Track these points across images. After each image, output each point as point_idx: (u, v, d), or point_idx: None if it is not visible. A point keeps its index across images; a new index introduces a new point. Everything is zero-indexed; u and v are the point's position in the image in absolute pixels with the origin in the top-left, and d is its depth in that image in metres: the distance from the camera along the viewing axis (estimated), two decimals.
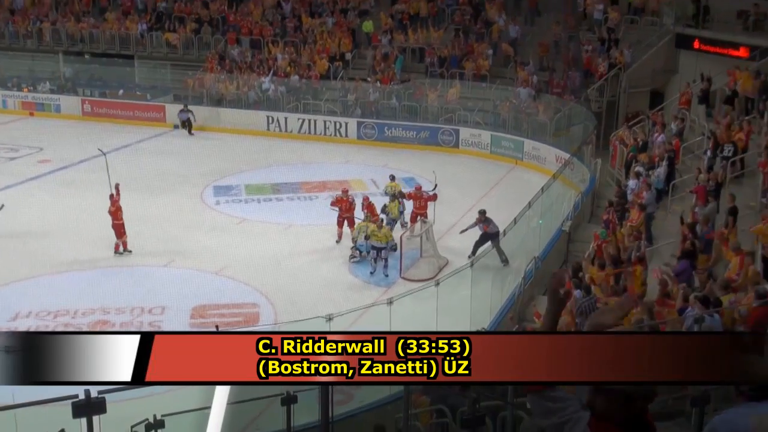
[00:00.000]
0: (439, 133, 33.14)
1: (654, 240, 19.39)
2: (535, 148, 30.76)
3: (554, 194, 23.97)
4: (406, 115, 34.33)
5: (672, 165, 22.47)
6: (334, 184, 27.84)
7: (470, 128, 32.83)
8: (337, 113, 34.98)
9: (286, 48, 38.00)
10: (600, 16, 35.16)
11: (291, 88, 35.95)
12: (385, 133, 33.80)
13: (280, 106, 35.63)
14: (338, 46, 37.40)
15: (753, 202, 18.63)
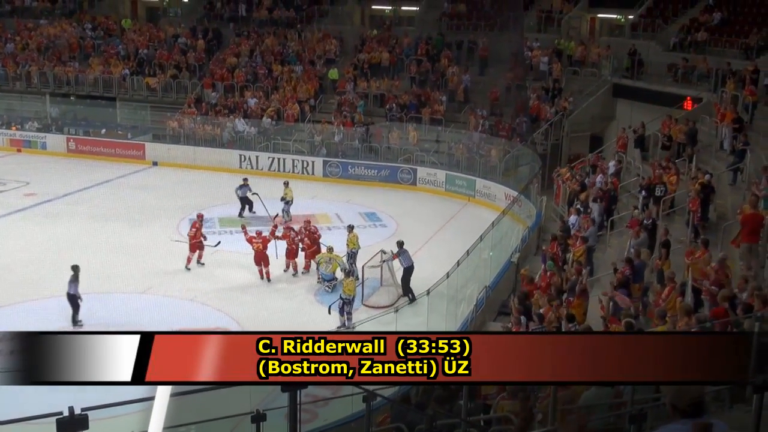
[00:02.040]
0: (398, 172, 33.16)
1: (595, 270, 19.46)
2: (486, 186, 30.82)
3: (504, 228, 24.02)
4: (368, 155, 34.34)
5: (610, 203, 22.64)
6: (301, 218, 27.66)
7: (427, 168, 32.89)
8: (304, 153, 34.89)
9: (258, 93, 37.93)
10: (545, 67, 35.57)
11: (262, 130, 35.85)
12: (349, 171, 33.75)
13: (252, 146, 35.48)
14: (306, 91, 37.39)
15: (683, 237, 18.78)
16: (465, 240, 21.90)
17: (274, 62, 39.70)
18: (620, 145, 27.18)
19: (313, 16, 43.06)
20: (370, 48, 39.49)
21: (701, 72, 29.79)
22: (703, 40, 32.05)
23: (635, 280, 16.20)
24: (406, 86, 37.20)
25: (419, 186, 32.70)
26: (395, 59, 38.63)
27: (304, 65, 39.32)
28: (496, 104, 34.97)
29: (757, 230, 15.71)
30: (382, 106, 36.57)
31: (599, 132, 33.00)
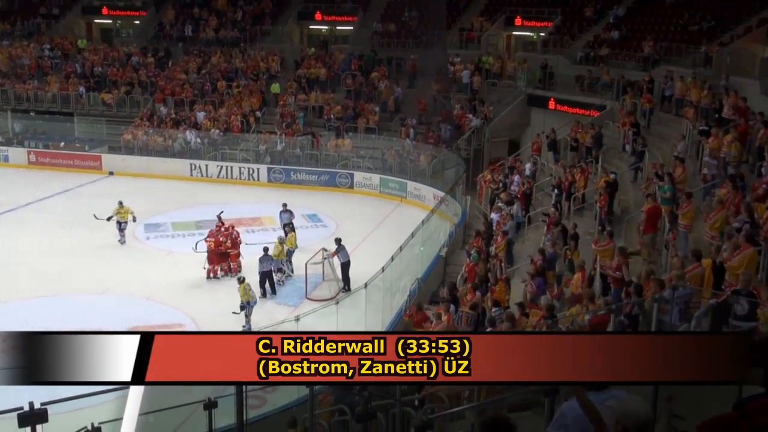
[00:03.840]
0: (337, 177, 33.10)
1: (514, 262, 19.73)
2: (416, 188, 30.96)
3: (433, 226, 24.19)
4: (309, 161, 34.20)
5: (527, 201, 22.97)
6: (248, 220, 27.49)
7: (363, 172, 32.88)
8: (250, 161, 34.57)
9: (206, 106, 37.51)
10: (467, 80, 35.78)
11: (210, 140, 35.41)
12: (291, 177, 33.55)
13: (202, 155, 35.03)
14: (250, 105, 37.11)
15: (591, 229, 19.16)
16: (398, 237, 22.01)
17: (221, 78, 39.28)
18: (535, 149, 27.59)
19: (256, 36, 42.70)
20: (309, 64, 39.35)
21: (604, 82, 30.39)
22: (605, 54, 32.68)
23: (549, 268, 16.50)
24: (342, 99, 37.15)
25: (356, 189, 32.70)
26: (332, 74, 38.54)
27: (248, 80, 38.99)
28: (424, 114, 35.08)
29: (655, 222, 16.13)
30: (321, 117, 36.45)
31: (516, 137, 33.36)
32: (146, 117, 37.32)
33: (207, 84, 38.93)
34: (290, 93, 37.62)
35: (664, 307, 10.52)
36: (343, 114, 35.76)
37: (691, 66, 27.65)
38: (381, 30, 41.02)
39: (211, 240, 22.35)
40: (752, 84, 23.13)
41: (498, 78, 35.86)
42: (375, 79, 37.51)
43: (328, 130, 35.28)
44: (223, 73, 39.67)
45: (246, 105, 37.12)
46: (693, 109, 22.76)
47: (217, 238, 22.44)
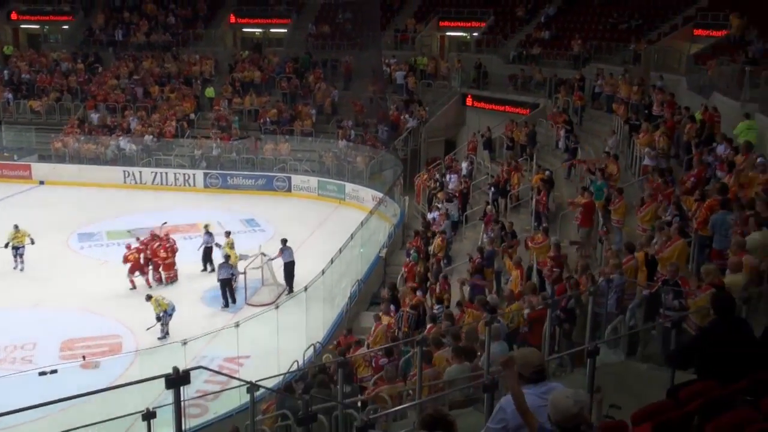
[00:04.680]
0: (274, 180, 32.88)
1: (453, 260, 19.88)
2: (354, 190, 30.97)
3: (372, 227, 24.24)
4: (245, 166, 33.91)
5: (464, 199, 23.16)
6: (185, 226, 27.09)
7: (300, 175, 32.74)
8: (185, 166, 34.10)
9: (139, 112, 36.87)
10: (402, 80, 35.96)
11: (144, 146, 34.82)
12: (228, 182, 33.21)
13: (135, 162, 34.41)
14: (184, 109, 36.60)
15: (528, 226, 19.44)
16: (337, 239, 22.00)
17: (153, 83, 38.66)
18: (471, 148, 27.84)
19: (189, 40, 42.13)
20: (243, 68, 39.02)
21: (537, 81, 30.86)
22: (537, 53, 33.18)
23: (487, 266, 16.68)
24: (277, 102, 36.94)
25: (294, 192, 32.52)
26: (266, 77, 38.29)
27: (182, 85, 38.47)
28: (360, 115, 35.14)
29: (590, 216, 16.45)
30: (256, 120, 36.18)
31: (452, 137, 33.63)
32: (77, 124, 36.48)
33: (139, 89, 38.26)
34: (225, 97, 37.26)
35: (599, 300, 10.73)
36: (279, 117, 35.55)
37: (621, 63, 28.27)
38: (315, 32, 40.91)
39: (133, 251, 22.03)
40: (679, 80, 23.78)
41: (433, 78, 36.09)
42: (311, 82, 37.40)
43: (265, 134, 35.03)
44: (156, 78, 39.07)
45: (180, 110, 36.62)
46: (623, 106, 23.27)
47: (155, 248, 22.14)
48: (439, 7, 39.66)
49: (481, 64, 33.91)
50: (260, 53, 40.85)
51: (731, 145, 15.76)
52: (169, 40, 42.02)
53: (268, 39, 43.30)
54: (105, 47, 42.19)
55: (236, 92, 37.66)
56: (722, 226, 11.44)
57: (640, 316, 10.72)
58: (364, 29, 38.81)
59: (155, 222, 25.88)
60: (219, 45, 42.18)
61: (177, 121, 35.86)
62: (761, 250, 9.96)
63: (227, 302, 20.81)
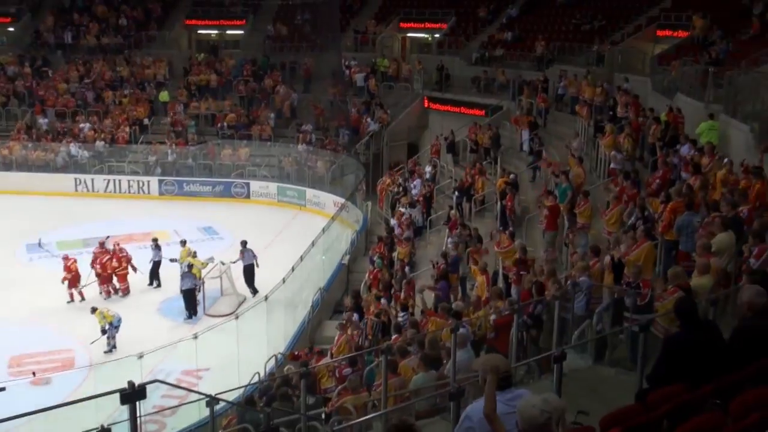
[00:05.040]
0: (232, 187, 32.68)
1: (417, 266, 19.94)
2: (315, 196, 30.90)
3: (334, 234, 24.21)
4: (202, 172, 33.65)
5: (428, 204, 23.25)
6: (140, 235, 26.77)
7: (259, 181, 32.56)
8: (139, 173, 33.74)
9: (91, 117, 36.41)
10: (362, 83, 36.01)
11: (96, 153, 34.37)
12: (184, 189, 32.93)
13: (87, 169, 33.94)
14: (138, 114, 36.22)
15: (493, 230, 19.54)
16: (298, 246, 21.92)
17: (105, 87, 38.22)
18: (434, 152, 27.98)
19: (141, 42, 41.68)
20: (199, 70, 38.76)
21: (500, 83, 31.11)
22: (500, 54, 33.45)
23: (452, 271, 16.75)
24: (235, 106, 36.76)
25: (253, 199, 32.35)
26: (223, 81, 38.07)
27: (135, 89, 38.09)
28: (320, 119, 35.08)
29: (555, 219, 16.60)
30: (213, 125, 35.95)
31: (415, 140, 33.74)
32: (24, 130, 35.90)
33: (90, 93, 37.79)
34: (180, 101, 36.97)
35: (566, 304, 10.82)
36: (237, 121, 35.37)
37: (584, 65, 28.63)
38: (273, 34, 40.80)
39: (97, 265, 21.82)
40: (643, 81, 24.16)
41: (394, 81, 36.18)
42: (269, 85, 37.28)
43: (222, 139, 34.82)
44: (108, 82, 38.63)
45: (133, 115, 36.24)
46: (587, 107, 23.57)
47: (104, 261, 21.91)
48: (399, 8, 39.79)
49: (443, 66, 34.11)
50: (216, 56, 40.58)
51: (695, 146, 16.06)
52: (121, 42, 41.55)
53: (224, 41, 43.02)
54: (53, 50, 41.55)
55: (192, 96, 37.40)
56: (688, 228, 11.64)
57: (608, 320, 10.84)
58: (323, 31, 38.80)
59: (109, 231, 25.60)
60: (173, 47, 41.83)
61: (130, 127, 35.48)
62: (727, 251, 10.14)
63: (191, 313, 20.63)
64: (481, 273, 15.22)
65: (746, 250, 9.80)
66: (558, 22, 34.23)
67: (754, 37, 22.61)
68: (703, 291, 9.07)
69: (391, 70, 36.57)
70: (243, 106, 36.76)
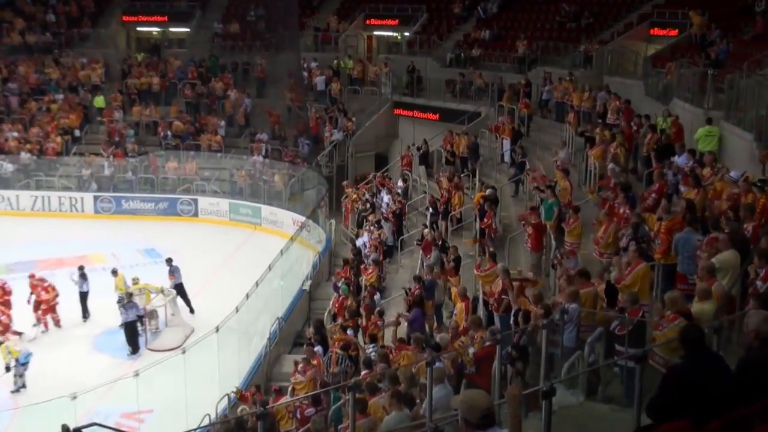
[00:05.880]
0: (178, 204, 32.58)
1: (388, 292, 19.97)
2: (272, 213, 30.90)
3: (293, 256, 24.19)
4: (144, 187, 33.49)
5: (399, 222, 23.32)
6: (72, 259, 26.50)
7: (209, 197, 32.53)
8: (72, 188, 33.49)
9: (15, 125, 36.06)
10: (323, 86, 36.09)
11: (22, 166, 34.04)
12: (123, 206, 32.76)
13: (11, 184, 33.59)
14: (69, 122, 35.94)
15: (472, 251, 19.65)
16: (253, 271, 21.86)
17: (31, 92, 37.93)
18: (405, 164, 28.09)
19: (73, 40, 41.45)
20: (139, 73, 38.63)
21: (478, 86, 31.36)
22: (477, 55, 33.78)
23: (428, 297, 16.80)
24: (180, 112, 36.67)
25: (201, 217, 32.29)
26: (167, 84, 37.98)
27: (66, 93, 37.84)
28: (277, 127, 35.13)
29: (540, 239, 16.73)
30: (156, 134, 35.82)
31: (384, 151, 33.86)
32: None
33: (14, 99, 37.46)
34: (117, 107, 36.78)
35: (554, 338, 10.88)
36: (183, 130, 35.26)
37: (570, 66, 29.02)
38: (222, 31, 40.82)
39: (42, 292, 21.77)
40: (636, 85, 24.52)
41: (360, 84, 36.33)
42: (218, 89, 37.24)
43: (166, 150, 34.67)
44: (34, 86, 38.32)
45: (64, 122, 35.97)
46: (574, 114, 23.86)
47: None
48: (365, 3, 40.06)
49: (414, 68, 34.35)
50: (159, 56, 40.54)
51: (694, 156, 16.30)
52: (50, 41, 41.28)
53: (167, 39, 42.98)
54: None
55: (131, 101, 37.23)
56: (685, 247, 11.79)
57: (600, 351, 10.93)
58: (280, 28, 38.93)
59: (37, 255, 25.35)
60: (109, 46, 41.64)
61: (61, 136, 35.22)
62: (731, 272, 10.27)
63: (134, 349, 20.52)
64: (460, 299, 15.29)
65: (752, 271, 9.92)
66: (541, 20, 34.69)
67: (756, 36, 23.07)
68: (706, 318, 9.18)
69: (356, 73, 36.71)
70: (189, 112, 36.67)
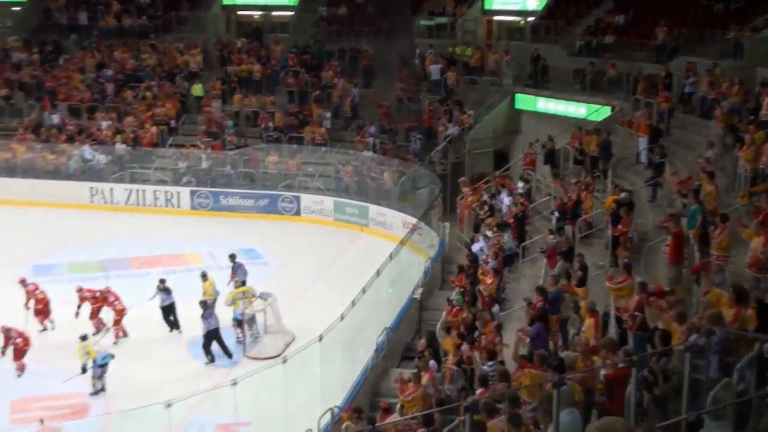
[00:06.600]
0: (279, 201, 33.11)
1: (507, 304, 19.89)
2: (380, 214, 31.10)
3: (403, 261, 24.23)
4: (243, 182, 34.17)
5: (520, 227, 23.19)
6: (167, 258, 27.32)
7: (312, 194, 32.97)
8: (167, 182, 34.45)
9: (109, 114, 37.26)
10: (438, 75, 36.08)
11: (116, 157, 35.18)
12: (221, 202, 33.52)
13: (105, 177, 34.79)
14: (166, 111, 36.96)
15: (602, 261, 19.42)
16: (359, 276, 22.03)
17: (126, 78, 39.12)
18: (528, 162, 27.88)
19: (171, 24, 42.69)
20: (239, 59, 39.42)
21: (611, 78, 30.87)
22: (610, 42, 33.26)
23: (552, 311, 16.66)
24: (283, 102, 37.25)
25: (304, 216, 32.76)
26: (268, 72, 38.60)
27: (162, 81, 38.92)
28: (387, 120, 35.29)
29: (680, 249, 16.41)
30: (256, 125, 36.47)
31: (504, 148, 33.68)
32: (31, 128, 36.99)
33: (109, 86, 38.73)
34: (216, 96, 37.60)
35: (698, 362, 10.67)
36: (285, 122, 35.81)
37: (717, 56, 28.28)
38: (328, 15, 41.26)
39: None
40: None
41: (478, 73, 36.20)
42: (324, 78, 37.66)
43: (267, 143, 35.28)
44: (130, 72, 39.53)
45: (160, 112, 36.99)
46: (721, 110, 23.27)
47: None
48: None
49: (539, 56, 34.02)
50: (260, 41, 41.24)
51: None
52: (146, 24, 42.57)
53: (269, 24, 43.75)
54: (66, 34, 42.83)
55: (231, 90, 37.99)
56: None
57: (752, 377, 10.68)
58: (391, 12, 39.11)
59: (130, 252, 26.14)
60: (209, 31, 42.65)
61: (156, 126, 36.22)
62: None
63: (213, 357, 21.00)
64: (589, 314, 15.13)
65: None
66: (684, 3, 33.90)
67: None
68: None
69: (474, 61, 36.61)
70: (292, 103, 37.18)
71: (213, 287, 22.82)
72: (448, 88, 35.72)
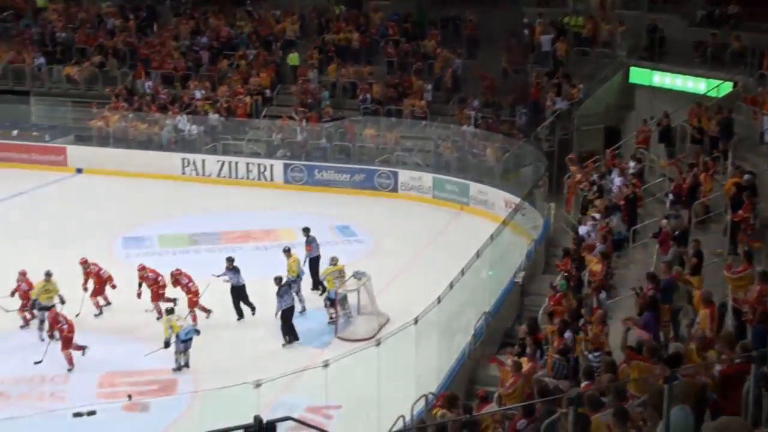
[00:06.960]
0: (376, 176, 33.26)
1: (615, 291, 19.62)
2: (482, 192, 30.98)
3: (505, 242, 24.07)
4: (339, 156, 34.39)
5: (631, 210, 22.82)
6: (259, 233, 27.64)
7: (410, 170, 33.02)
8: (260, 155, 34.88)
9: (202, 83, 37.82)
10: (548, 47, 35.69)
11: (209, 128, 35.72)
12: (315, 176, 33.81)
13: (197, 148, 35.39)
14: (260, 81, 37.36)
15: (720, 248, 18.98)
16: (458, 257, 21.93)
17: (221, 46, 39.60)
18: (641, 141, 27.39)
19: None
20: (338, 27, 39.57)
21: (735, 50, 30.12)
22: (734, 12, 32.39)
23: (664, 301, 16.35)
24: (382, 73, 37.28)
25: (401, 192, 32.85)
26: (367, 41, 38.71)
27: (258, 49, 39.29)
28: (490, 93, 35.07)
29: None
30: (354, 97, 36.65)
31: (615, 124, 33.14)
32: (124, 97, 37.76)
33: (204, 54, 39.28)
34: (313, 65, 37.82)
35: None
36: (384, 93, 35.85)
37: None
38: None
39: None
40: None
41: (590, 45, 35.70)
42: (425, 48, 37.56)
43: (364, 115, 35.42)
44: (225, 40, 40.01)
45: (255, 81, 37.39)
46: None
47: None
48: None
49: (657, 27, 33.35)
50: (359, 9, 41.31)
51: None
52: None
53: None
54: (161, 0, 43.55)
55: (328, 60, 38.19)
56: None
57: None
58: None
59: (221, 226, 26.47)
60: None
61: (251, 96, 36.62)
62: None
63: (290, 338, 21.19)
64: (704, 305, 14.81)
65: None
66: None
67: None
68: None
69: (586, 31, 36.09)
70: (392, 73, 37.20)
71: (297, 264, 22.90)
72: (557, 59, 35.29)
